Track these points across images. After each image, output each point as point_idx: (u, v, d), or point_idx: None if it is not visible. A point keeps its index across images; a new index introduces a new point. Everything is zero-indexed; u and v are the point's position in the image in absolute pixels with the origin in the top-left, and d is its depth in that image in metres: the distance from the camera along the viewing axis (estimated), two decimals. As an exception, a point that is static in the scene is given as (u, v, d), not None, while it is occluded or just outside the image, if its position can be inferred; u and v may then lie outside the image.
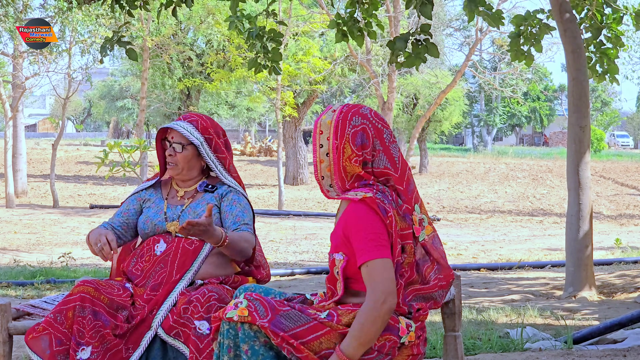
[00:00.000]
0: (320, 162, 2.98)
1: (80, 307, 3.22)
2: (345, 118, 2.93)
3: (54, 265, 10.94)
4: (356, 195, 2.87)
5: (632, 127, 72.86)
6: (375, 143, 2.93)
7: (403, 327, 2.87)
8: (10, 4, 19.11)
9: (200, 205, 3.58)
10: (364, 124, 2.93)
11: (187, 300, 3.27)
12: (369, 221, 2.85)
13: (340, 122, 2.93)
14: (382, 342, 2.83)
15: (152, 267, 3.47)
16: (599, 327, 5.41)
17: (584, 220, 8.03)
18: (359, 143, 2.91)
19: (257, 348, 2.78)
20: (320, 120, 2.98)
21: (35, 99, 60.18)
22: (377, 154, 2.94)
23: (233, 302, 2.84)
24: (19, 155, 24.01)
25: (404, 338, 2.87)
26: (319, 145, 2.97)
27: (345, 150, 2.91)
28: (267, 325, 2.76)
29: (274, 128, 65.69)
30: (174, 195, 3.66)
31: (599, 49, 8.95)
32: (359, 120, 2.93)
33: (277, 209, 21.32)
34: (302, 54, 24.32)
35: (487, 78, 25.81)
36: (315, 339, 2.79)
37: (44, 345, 3.18)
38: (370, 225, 2.84)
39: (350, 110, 2.96)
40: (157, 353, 3.28)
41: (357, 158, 2.91)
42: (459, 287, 3.35)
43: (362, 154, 2.92)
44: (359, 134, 2.92)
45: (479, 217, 20.39)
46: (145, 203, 3.68)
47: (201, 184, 3.64)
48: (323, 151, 2.96)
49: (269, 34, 7.99)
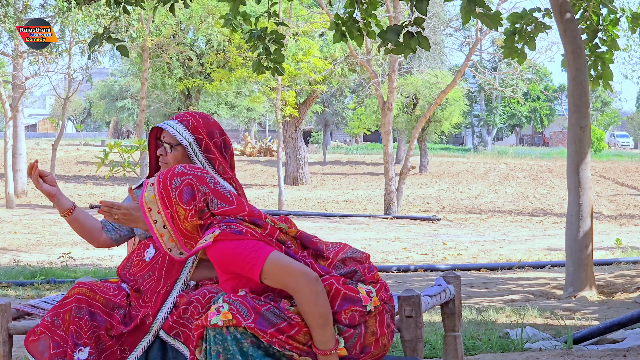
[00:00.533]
0: (161, 237, 3.00)
1: (77, 308, 3.22)
2: (165, 185, 2.98)
3: (53, 265, 10.94)
4: (205, 241, 2.90)
5: (632, 127, 72.85)
6: (201, 189, 2.98)
7: (365, 296, 2.89)
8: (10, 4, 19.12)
9: None
10: (183, 179, 2.98)
11: (187, 301, 3.27)
12: (233, 247, 2.87)
13: (163, 191, 2.98)
14: (351, 314, 2.85)
15: (141, 272, 3.45)
16: (599, 327, 5.41)
17: (584, 220, 8.03)
18: (187, 198, 2.96)
19: (245, 349, 2.81)
20: (144, 198, 3.01)
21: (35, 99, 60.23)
22: (208, 196, 2.99)
23: (214, 308, 2.85)
24: (19, 155, 24.01)
25: (369, 306, 2.89)
26: (152, 222, 2.99)
27: (179, 213, 2.96)
28: (253, 325, 2.78)
29: (274, 128, 65.69)
30: None
31: (594, 52, 8.95)
32: (178, 180, 2.99)
33: (277, 209, 21.32)
34: (302, 54, 24.32)
35: (487, 78, 25.82)
36: (299, 332, 2.82)
37: (41, 349, 3.19)
38: (236, 248, 2.87)
39: (167, 176, 3.01)
40: (156, 353, 3.28)
41: (192, 213, 2.96)
42: (459, 287, 3.35)
43: (194, 205, 2.97)
44: (184, 190, 2.97)
45: (479, 217, 20.39)
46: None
47: None
48: (159, 226, 2.99)
49: (270, 35, 7.99)
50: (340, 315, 2.85)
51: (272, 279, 2.84)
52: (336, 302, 2.86)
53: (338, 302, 2.86)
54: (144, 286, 3.41)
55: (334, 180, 32.45)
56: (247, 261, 2.85)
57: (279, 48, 8.06)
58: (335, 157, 45.47)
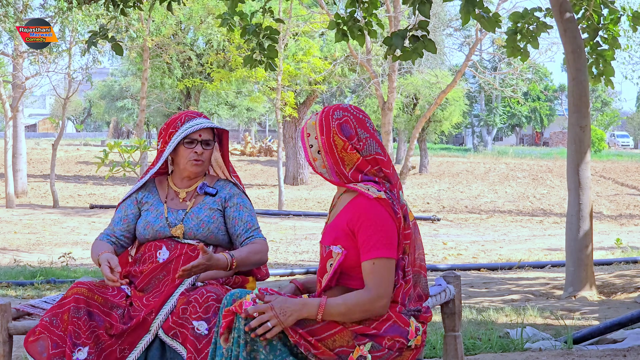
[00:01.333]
0: (314, 160, 3.05)
1: (75, 308, 3.22)
2: (327, 115, 3.04)
3: (54, 265, 10.94)
4: (368, 190, 2.91)
5: (632, 127, 72.85)
6: (359, 132, 3.01)
7: (412, 331, 2.92)
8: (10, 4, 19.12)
9: (202, 210, 3.54)
10: (345, 116, 3.02)
11: (185, 301, 3.26)
12: (381, 219, 2.89)
13: (324, 119, 3.03)
14: (392, 342, 2.87)
15: (154, 273, 3.44)
16: (599, 327, 5.41)
17: (584, 220, 8.03)
18: (346, 133, 3.00)
19: (274, 343, 2.81)
20: (306, 124, 3.08)
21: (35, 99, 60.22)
22: (365, 141, 3.01)
23: (250, 298, 2.85)
24: (19, 155, 24.02)
25: (411, 341, 2.91)
26: (309, 146, 3.05)
27: (336, 142, 2.99)
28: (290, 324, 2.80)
29: (274, 128, 65.69)
30: (173, 196, 3.61)
31: (595, 50, 8.95)
32: (340, 114, 3.03)
33: (277, 209, 21.32)
34: (302, 54, 24.32)
35: (487, 78, 25.81)
36: (330, 336, 2.83)
37: (40, 349, 3.19)
38: (382, 223, 2.89)
39: (331, 107, 3.08)
40: (155, 353, 3.27)
41: (350, 147, 2.99)
42: (459, 287, 3.35)
43: (353, 141, 2.99)
44: (343, 126, 3.00)
45: (479, 217, 20.39)
46: (143, 206, 3.61)
47: (201, 185, 3.60)
48: (314, 150, 3.04)
49: (265, 31, 7.99)
50: (383, 340, 2.86)
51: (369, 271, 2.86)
52: (384, 326, 2.88)
53: (386, 327, 2.88)
54: (157, 287, 3.41)
55: (334, 180, 32.39)
56: (374, 240, 2.87)
57: (273, 44, 8.06)
58: (335, 157, 45.37)
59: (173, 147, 3.54)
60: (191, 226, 3.50)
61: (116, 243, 3.57)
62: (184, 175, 3.60)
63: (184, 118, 3.58)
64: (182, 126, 3.55)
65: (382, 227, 2.88)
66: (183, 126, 3.55)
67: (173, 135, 3.55)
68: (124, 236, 3.59)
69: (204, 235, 3.51)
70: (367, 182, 2.97)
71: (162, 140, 3.60)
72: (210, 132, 3.59)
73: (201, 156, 3.54)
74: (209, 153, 3.57)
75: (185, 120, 3.57)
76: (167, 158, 3.62)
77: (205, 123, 3.55)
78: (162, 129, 3.60)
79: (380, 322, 2.87)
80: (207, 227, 3.51)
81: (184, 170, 3.58)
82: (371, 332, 2.86)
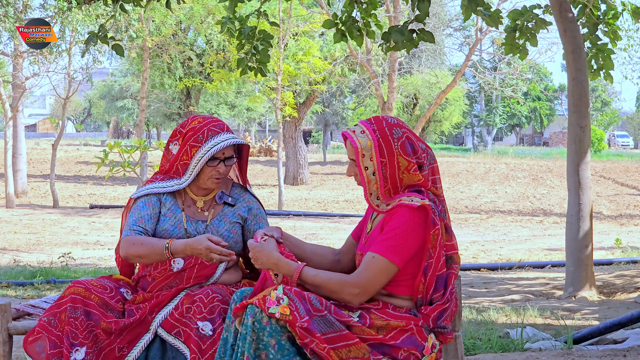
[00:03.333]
0: (369, 183, 3.00)
1: (72, 308, 3.21)
2: (385, 135, 2.97)
3: (54, 265, 10.93)
4: (412, 201, 2.91)
5: (632, 127, 72.84)
6: (420, 145, 3.01)
7: (428, 346, 2.93)
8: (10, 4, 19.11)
9: (223, 223, 3.46)
10: (404, 132, 2.99)
11: (190, 300, 3.25)
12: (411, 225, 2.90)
13: (382, 140, 2.97)
14: (407, 354, 2.89)
15: (167, 281, 3.41)
16: (599, 327, 5.41)
17: (584, 220, 8.02)
18: (410, 151, 2.97)
19: (283, 342, 2.81)
20: (360, 145, 2.98)
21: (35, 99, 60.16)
22: (425, 153, 3.02)
23: (274, 296, 2.82)
24: (19, 155, 24.01)
25: (425, 357, 2.93)
26: (364, 168, 2.99)
27: (400, 163, 2.96)
28: (306, 325, 2.78)
29: (274, 128, 65.71)
30: (191, 204, 3.48)
31: (595, 44, 8.93)
32: (399, 132, 2.99)
33: (277, 209, 21.32)
34: (302, 54, 24.31)
35: (487, 78, 25.80)
36: (345, 346, 2.82)
37: (39, 349, 3.19)
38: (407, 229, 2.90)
39: (384, 124, 3.00)
40: (156, 352, 3.27)
41: (414, 166, 2.96)
42: (459, 287, 3.35)
43: (416, 159, 2.98)
44: (406, 144, 2.97)
45: (479, 217, 20.39)
46: (163, 207, 3.46)
47: (220, 194, 3.50)
48: (369, 172, 2.99)
49: (259, 35, 7.91)
50: (399, 351, 2.88)
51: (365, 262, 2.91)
52: (402, 337, 2.89)
53: (404, 338, 2.89)
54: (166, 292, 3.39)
55: (334, 180, 32.44)
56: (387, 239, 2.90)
57: (266, 48, 7.98)
58: (335, 157, 45.44)
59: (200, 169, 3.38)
60: None
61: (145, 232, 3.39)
62: (202, 187, 3.48)
63: (207, 133, 3.38)
64: (205, 142, 3.37)
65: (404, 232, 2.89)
66: (207, 143, 3.36)
67: (195, 150, 3.37)
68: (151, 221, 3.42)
69: None
70: (411, 193, 2.96)
71: (179, 147, 3.42)
72: (232, 147, 3.45)
73: (222, 174, 3.44)
74: (229, 169, 3.47)
75: (208, 135, 3.38)
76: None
77: (230, 139, 3.40)
78: (177, 131, 3.43)
79: (399, 331, 2.89)
80: (226, 241, 3.39)
81: (203, 184, 3.46)
82: (388, 342, 2.87)
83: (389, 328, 2.89)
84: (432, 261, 2.93)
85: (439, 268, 2.94)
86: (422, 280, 2.94)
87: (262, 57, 7.93)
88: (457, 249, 3.04)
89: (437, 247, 2.92)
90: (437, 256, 2.92)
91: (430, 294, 2.96)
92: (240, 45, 7.91)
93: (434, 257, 2.93)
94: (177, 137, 3.43)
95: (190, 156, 3.39)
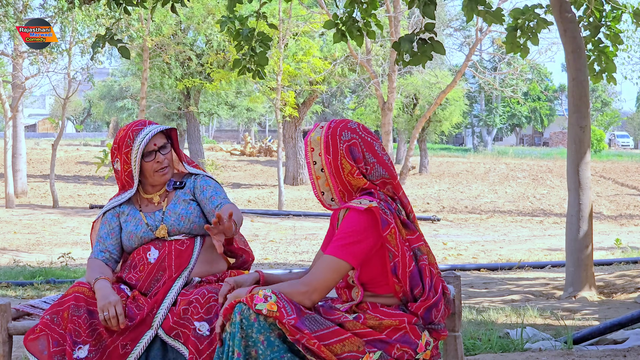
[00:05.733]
0: (317, 179, 3.04)
1: (75, 307, 3.23)
2: (334, 133, 2.99)
3: (53, 265, 10.93)
4: (360, 203, 2.91)
5: (632, 127, 72.86)
6: (367, 156, 2.99)
7: (422, 344, 2.94)
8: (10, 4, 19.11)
9: (177, 205, 3.58)
10: (354, 138, 2.99)
11: (187, 301, 3.27)
12: (360, 225, 2.90)
13: (330, 137, 2.99)
14: (401, 352, 2.89)
15: (151, 274, 3.46)
16: (599, 327, 5.41)
17: (584, 220, 8.02)
18: (354, 157, 2.98)
19: (272, 339, 2.81)
20: (310, 137, 3.04)
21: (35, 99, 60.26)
22: (372, 166, 3.00)
23: (262, 294, 2.84)
24: (19, 155, 24.01)
25: (420, 354, 2.93)
26: (312, 162, 3.03)
27: (344, 165, 2.97)
28: (293, 322, 2.78)
29: (274, 128, 65.67)
30: (147, 203, 3.63)
31: (597, 47, 8.93)
32: (348, 135, 3.00)
33: (277, 209, 21.32)
34: (302, 54, 24.31)
35: (487, 78, 25.82)
36: (339, 341, 2.83)
37: (41, 347, 3.20)
38: (356, 229, 2.90)
39: (339, 125, 3.02)
40: (157, 353, 3.27)
41: (357, 172, 2.97)
42: (459, 287, 3.35)
43: (360, 167, 2.98)
44: (351, 149, 2.98)
45: (479, 217, 20.39)
46: (121, 217, 3.62)
47: (169, 182, 3.64)
48: (317, 167, 3.02)
49: (258, 36, 7.91)
50: (393, 348, 2.88)
51: (319, 263, 2.92)
52: (395, 335, 2.90)
53: (397, 336, 2.90)
54: (158, 287, 3.42)
55: (334, 180, 32.39)
56: (336, 239, 2.91)
57: (265, 50, 7.99)
58: (335, 157, 45.36)
59: (139, 167, 3.54)
60: (172, 222, 3.53)
61: (110, 259, 3.57)
62: (155, 184, 3.63)
63: (131, 134, 3.53)
64: (133, 142, 3.52)
65: (353, 232, 2.89)
66: (135, 142, 3.52)
67: (130, 153, 3.53)
68: (116, 249, 3.59)
69: (188, 227, 3.53)
70: (362, 196, 2.97)
71: (119, 161, 3.56)
72: (162, 135, 3.60)
73: (163, 163, 3.57)
74: (169, 156, 3.61)
75: (133, 135, 3.53)
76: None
77: (154, 129, 3.55)
78: (113, 148, 3.58)
79: (392, 329, 2.89)
80: (187, 218, 3.53)
81: (154, 180, 3.61)
82: (382, 337, 2.88)
83: (382, 327, 2.89)
84: (397, 260, 2.92)
85: (407, 265, 2.93)
86: (395, 281, 2.94)
87: (260, 60, 7.93)
88: (422, 240, 3.01)
89: (399, 244, 2.92)
90: (401, 254, 2.92)
91: (409, 292, 2.96)
92: (238, 46, 7.91)
93: (399, 256, 2.92)
94: (115, 155, 3.60)
95: (129, 162, 3.55)
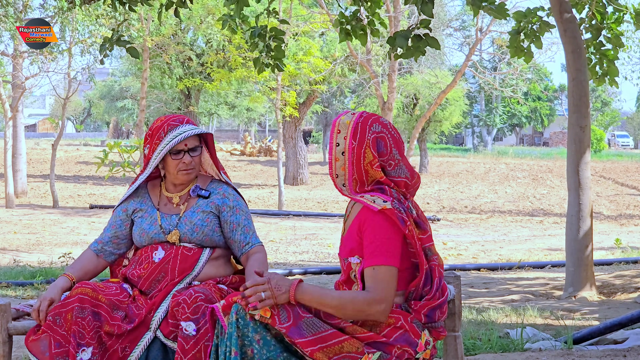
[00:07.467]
0: (336, 160, 3.02)
1: (80, 309, 3.22)
2: (365, 122, 2.99)
3: (53, 265, 10.93)
4: (374, 202, 2.90)
5: (632, 127, 72.87)
6: (394, 152, 3.00)
7: (422, 344, 2.93)
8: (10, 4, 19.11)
9: (195, 214, 3.52)
10: (383, 132, 2.99)
11: (176, 302, 3.27)
12: (385, 228, 2.89)
13: (360, 125, 2.99)
14: (401, 352, 2.88)
15: (153, 274, 3.44)
16: (599, 327, 5.41)
17: (584, 220, 8.02)
18: (379, 149, 2.97)
19: (268, 339, 2.82)
20: (339, 119, 3.03)
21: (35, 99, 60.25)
22: (397, 163, 3.00)
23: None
24: (19, 155, 24.01)
25: (419, 354, 2.93)
26: (335, 144, 3.01)
27: (366, 154, 2.97)
28: (284, 331, 2.79)
29: (274, 128, 65.68)
30: (166, 202, 3.58)
31: (598, 50, 8.93)
32: (378, 128, 3.00)
33: (277, 209, 21.31)
34: (302, 54, 24.31)
35: (487, 78, 25.81)
36: (338, 343, 2.83)
37: (42, 348, 3.19)
38: (385, 231, 2.88)
39: (371, 116, 3.02)
40: (157, 354, 3.28)
41: (377, 164, 2.97)
42: (459, 287, 3.35)
43: (380, 161, 2.98)
44: (378, 141, 2.98)
45: (479, 217, 20.39)
46: (136, 213, 3.58)
47: (193, 188, 3.58)
48: (339, 149, 3.01)
49: (271, 33, 8.01)
50: (392, 348, 2.87)
51: (371, 277, 2.86)
52: (394, 335, 2.89)
53: (396, 335, 2.89)
54: (159, 289, 3.42)
55: (334, 181, 32.40)
56: (375, 248, 2.87)
57: (280, 44, 8.09)
58: (335, 157, 45.38)
59: (159, 160, 3.50)
60: (185, 231, 3.48)
61: (102, 250, 3.58)
62: (176, 182, 3.58)
63: (166, 128, 3.49)
64: (165, 136, 3.48)
65: (381, 235, 2.88)
66: (167, 137, 3.48)
67: (158, 145, 3.49)
68: (112, 242, 3.58)
69: (199, 239, 3.49)
70: (375, 192, 2.96)
71: (148, 148, 3.54)
72: (196, 137, 3.54)
73: (189, 165, 3.52)
74: (197, 159, 3.55)
75: (168, 129, 3.49)
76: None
77: (189, 131, 3.49)
78: (147, 134, 3.55)
79: (392, 329, 2.89)
80: (201, 230, 3.48)
81: (175, 178, 3.56)
82: (381, 339, 2.87)
83: (381, 326, 2.89)
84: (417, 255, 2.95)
85: (424, 263, 2.95)
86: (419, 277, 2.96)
87: (277, 53, 8.03)
88: (432, 241, 3.03)
89: (416, 241, 2.93)
90: (419, 251, 2.94)
91: (421, 288, 2.97)
92: (254, 45, 8.01)
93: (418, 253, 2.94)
94: (147, 140, 3.56)
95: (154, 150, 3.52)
